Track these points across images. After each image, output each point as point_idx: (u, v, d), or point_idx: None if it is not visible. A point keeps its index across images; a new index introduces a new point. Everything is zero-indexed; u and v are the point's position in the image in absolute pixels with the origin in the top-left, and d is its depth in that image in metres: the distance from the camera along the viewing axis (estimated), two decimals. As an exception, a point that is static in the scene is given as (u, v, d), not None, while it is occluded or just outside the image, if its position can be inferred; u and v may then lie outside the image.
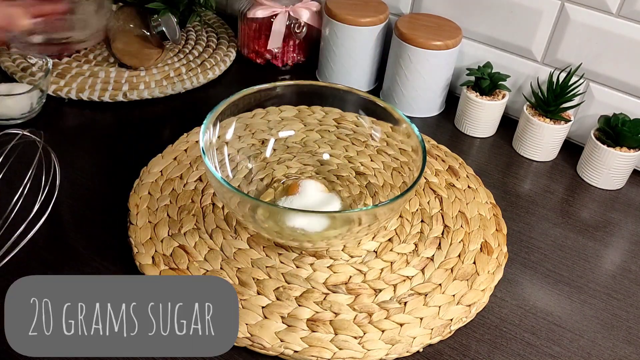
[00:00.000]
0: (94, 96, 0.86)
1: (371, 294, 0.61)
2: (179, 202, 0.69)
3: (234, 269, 0.62)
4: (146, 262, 0.62)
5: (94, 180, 0.73)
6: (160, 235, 0.65)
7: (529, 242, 0.72)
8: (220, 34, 1.06)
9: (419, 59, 0.86)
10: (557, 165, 0.85)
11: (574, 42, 0.83)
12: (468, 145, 0.88)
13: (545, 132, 0.83)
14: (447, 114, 0.93)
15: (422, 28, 0.88)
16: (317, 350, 0.56)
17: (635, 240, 0.74)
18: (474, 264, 0.65)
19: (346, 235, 0.62)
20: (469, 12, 0.90)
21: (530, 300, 0.64)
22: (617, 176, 0.80)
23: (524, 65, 0.89)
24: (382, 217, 0.61)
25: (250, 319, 0.57)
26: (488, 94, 0.87)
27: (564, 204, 0.78)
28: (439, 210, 0.72)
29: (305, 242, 0.62)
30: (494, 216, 0.72)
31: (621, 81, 0.82)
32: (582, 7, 0.80)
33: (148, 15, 0.90)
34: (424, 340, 0.58)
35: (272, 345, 0.55)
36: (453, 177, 0.77)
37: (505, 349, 0.59)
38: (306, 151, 0.77)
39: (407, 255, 0.66)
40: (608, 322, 0.63)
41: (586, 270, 0.69)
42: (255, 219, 0.62)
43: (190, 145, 0.78)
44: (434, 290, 0.62)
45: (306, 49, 1.02)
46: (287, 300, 0.60)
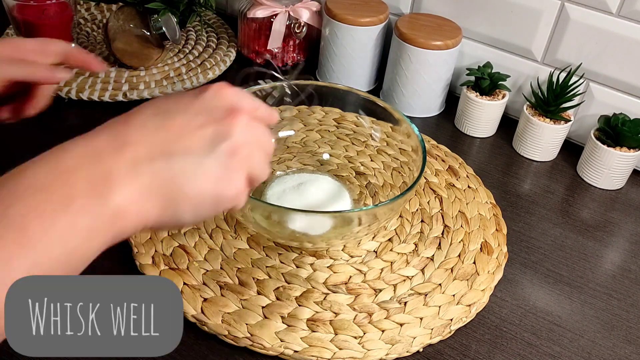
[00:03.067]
0: (94, 96, 0.86)
1: (371, 294, 0.61)
2: (179, 202, 0.69)
3: (234, 268, 0.62)
4: (146, 262, 0.62)
5: (94, 180, 0.73)
6: (160, 235, 0.65)
7: (529, 242, 0.72)
8: (220, 34, 1.06)
9: (419, 59, 0.86)
10: (557, 165, 0.85)
11: (574, 42, 0.83)
12: (468, 145, 0.88)
13: (545, 132, 0.83)
14: (447, 114, 0.93)
15: (422, 28, 0.87)
16: (317, 350, 0.56)
17: (635, 240, 0.74)
18: (474, 263, 0.66)
19: (346, 235, 0.62)
20: (469, 12, 0.90)
21: (530, 300, 0.64)
22: (617, 176, 0.80)
23: (524, 65, 0.89)
24: (382, 217, 0.61)
25: (251, 318, 0.57)
26: (488, 94, 0.87)
27: (564, 204, 0.78)
28: (439, 210, 0.72)
29: (306, 242, 0.62)
30: (494, 216, 0.72)
31: (621, 81, 0.82)
32: (582, 7, 0.80)
33: (148, 15, 0.90)
34: (424, 340, 0.58)
35: (272, 345, 0.55)
36: (453, 177, 0.77)
37: (505, 349, 0.59)
38: (306, 151, 0.77)
39: (407, 255, 0.66)
40: (608, 322, 0.63)
41: (586, 270, 0.69)
42: (255, 219, 0.61)
43: (190, 145, 0.78)
44: (434, 290, 0.62)
45: (306, 49, 1.02)
46: (287, 300, 0.60)
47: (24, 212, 0.30)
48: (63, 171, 0.32)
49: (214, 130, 0.37)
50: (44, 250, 0.30)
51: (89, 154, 0.33)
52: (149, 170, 0.34)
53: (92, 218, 0.31)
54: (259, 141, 0.39)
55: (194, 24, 1.05)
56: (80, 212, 0.31)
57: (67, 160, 0.32)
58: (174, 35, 0.91)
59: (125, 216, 0.33)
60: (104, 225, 0.32)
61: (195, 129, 0.36)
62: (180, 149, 0.35)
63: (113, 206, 0.32)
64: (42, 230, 0.30)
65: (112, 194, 0.32)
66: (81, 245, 0.31)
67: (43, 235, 0.30)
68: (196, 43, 1.02)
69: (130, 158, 0.33)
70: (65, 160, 0.32)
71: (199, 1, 0.96)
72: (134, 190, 0.33)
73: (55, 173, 0.31)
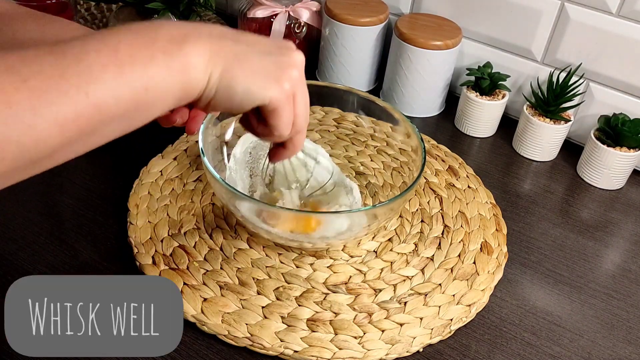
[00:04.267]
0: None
1: (371, 294, 0.61)
2: (178, 202, 0.69)
3: (234, 268, 0.62)
4: (146, 262, 0.62)
5: (94, 180, 0.73)
6: (160, 235, 0.65)
7: (529, 242, 0.72)
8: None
9: (419, 59, 0.86)
10: (557, 165, 0.85)
11: (574, 42, 0.83)
12: (468, 145, 0.88)
13: (545, 132, 0.83)
14: (447, 114, 0.93)
15: (422, 28, 0.88)
16: (317, 350, 0.56)
17: (635, 240, 0.74)
18: (474, 263, 0.66)
19: (346, 234, 0.62)
20: (469, 12, 0.90)
21: (530, 300, 0.64)
22: (617, 176, 0.80)
23: (524, 65, 0.89)
24: (382, 217, 0.61)
25: (250, 318, 0.57)
26: (488, 94, 0.87)
27: (564, 204, 0.78)
28: (439, 210, 0.72)
29: (305, 242, 0.62)
30: (494, 216, 0.72)
31: (621, 81, 0.82)
32: (582, 7, 0.80)
33: (148, 15, 0.90)
34: (424, 340, 0.58)
35: (272, 345, 0.55)
36: (453, 177, 0.77)
37: (505, 349, 0.59)
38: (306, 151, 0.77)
39: (407, 255, 0.66)
40: (608, 322, 0.63)
41: (586, 270, 0.69)
42: (255, 220, 0.61)
43: (190, 145, 0.78)
44: (434, 290, 0.62)
45: (306, 49, 1.02)
46: (287, 300, 0.60)
47: (124, 47, 0.36)
48: (152, 34, 0.38)
49: (276, 51, 0.44)
50: (132, 73, 0.36)
51: (176, 26, 0.40)
52: (218, 42, 0.40)
53: (167, 58, 0.37)
54: (305, 87, 0.46)
55: (194, 24, 1.05)
56: (160, 50, 0.37)
57: (158, 29, 0.39)
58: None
59: (193, 70, 0.39)
60: (176, 69, 0.38)
61: (262, 44, 0.44)
62: (246, 40, 0.43)
63: (183, 55, 0.38)
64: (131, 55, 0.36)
65: (184, 48, 0.38)
66: (160, 80, 0.37)
67: (134, 59, 0.36)
68: (196, 43, 1.02)
69: (206, 32, 0.40)
70: (156, 29, 0.39)
71: (199, 1, 0.96)
72: (203, 51, 0.39)
73: (147, 36, 0.38)
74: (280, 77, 0.43)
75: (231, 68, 0.40)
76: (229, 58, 0.41)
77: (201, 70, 0.39)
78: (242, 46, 0.42)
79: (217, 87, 0.41)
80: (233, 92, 0.41)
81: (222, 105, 0.42)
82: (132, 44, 0.36)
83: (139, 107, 0.37)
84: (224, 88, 0.41)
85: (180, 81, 0.38)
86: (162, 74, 0.37)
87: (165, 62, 0.37)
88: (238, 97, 0.41)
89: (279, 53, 0.44)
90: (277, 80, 0.43)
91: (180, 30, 0.39)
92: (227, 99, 0.41)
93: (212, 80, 0.40)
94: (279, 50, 0.45)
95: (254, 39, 0.44)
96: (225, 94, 0.41)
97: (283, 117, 0.44)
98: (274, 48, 0.45)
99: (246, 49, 0.42)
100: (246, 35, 0.44)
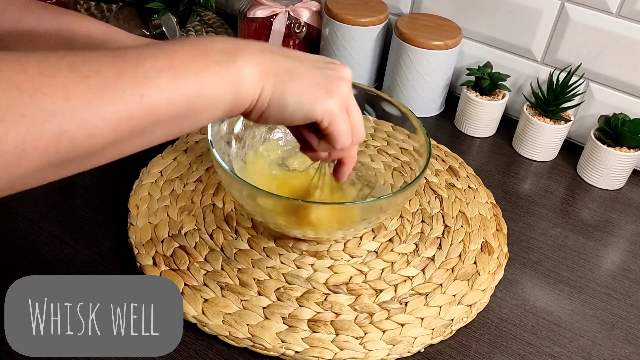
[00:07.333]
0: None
1: (372, 294, 0.61)
2: (179, 203, 0.69)
3: (235, 269, 0.62)
4: (147, 263, 0.61)
5: (93, 180, 0.73)
6: (160, 236, 0.65)
7: (529, 242, 0.72)
8: (220, 34, 1.06)
9: (419, 59, 0.86)
10: (557, 165, 0.85)
11: (574, 42, 0.83)
12: (468, 145, 0.88)
13: (545, 132, 0.83)
14: (447, 114, 0.93)
15: (422, 28, 0.87)
16: (318, 350, 0.55)
17: (635, 240, 0.74)
18: (475, 264, 0.65)
19: (346, 225, 0.61)
20: (469, 12, 0.90)
21: (531, 300, 0.64)
22: (617, 176, 0.80)
23: (524, 65, 0.89)
24: (383, 211, 0.60)
25: (251, 319, 0.57)
26: (488, 94, 0.87)
27: (564, 204, 0.78)
28: (440, 210, 0.72)
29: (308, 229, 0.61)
30: (494, 216, 0.72)
31: (621, 81, 0.82)
32: (582, 7, 0.80)
33: (148, 15, 0.90)
34: (425, 340, 0.58)
35: (273, 346, 0.55)
36: (453, 177, 0.77)
37: (506, 349, 0.59)
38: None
39: (408, 255, 0.66)
40: (608, 322, 0.63)
41: (586, 270, 0.69)
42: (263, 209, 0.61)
43: (190, 145, 0.78)
44: (434, 290, 0.62)
45: (306, 49, 1.02)
46: (287, 300, 0.59)
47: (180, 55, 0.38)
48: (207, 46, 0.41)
49: (324, 65, 0.47)
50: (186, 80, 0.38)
51: (229, 41, 0.42)
52: (269, 58, 0.42)
53: (221, 68, 0.39)
54: (354, 101, 0.49)
55: (194, 24, 1.05)
56: (214, 61, 0.39)
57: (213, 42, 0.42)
58: (173, 36, 0.91)
59: (245, 82, 0.41)
60: (229, 79, 0.40)
61: (311, 59, 0.47)
62: (296, 56, 0.46)
63: (236, 68, 0.40)
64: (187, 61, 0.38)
65: (237, 61, 0.40)
66: (212, 88, 0.39)
67: (188, 67, 0.38)
68: (196, 43, 1.02)
69: (258, 47, 0.42)
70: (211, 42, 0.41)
71: (198, 1, 0.96)
72: (255, 65, 0.41)
73: (202, 48, 0.40)
74: (331, 90, 0.45)
75: (283, 82, 0.42)
76: (280, 72, 0.43)
77: (253, 83, 0.41)
78: (293, 61, 0.44)
79: (270, 100, 0.42)
80: (285, 104, 0.43)
81: (274, 118, 0.44)
82: (187, 54, 0.38)
83: (190, 113, 0.38)
84: (276, 101, 0.42)
85: (232, 91, 0.40)
86: (214, 83, 0.39)
87: (218, 72, 0.39)
88: (290, 109, 0.43)
89: (327, 67, 0.47)
90: (328, 92, 0.45)
91: (233, 45, 0.41)
92: (279, 111, 0.43)
93: (264, 94, 0.42)
94: (327, 65, 0.47)
95: (303, 55, 0.46)
96: (278, 107, 0.43)
97: (341, 127, 0.46)
98: (322, 63, 0.47)
99: (296, 64, 0.44)
100: (295, 52, 0.46)
